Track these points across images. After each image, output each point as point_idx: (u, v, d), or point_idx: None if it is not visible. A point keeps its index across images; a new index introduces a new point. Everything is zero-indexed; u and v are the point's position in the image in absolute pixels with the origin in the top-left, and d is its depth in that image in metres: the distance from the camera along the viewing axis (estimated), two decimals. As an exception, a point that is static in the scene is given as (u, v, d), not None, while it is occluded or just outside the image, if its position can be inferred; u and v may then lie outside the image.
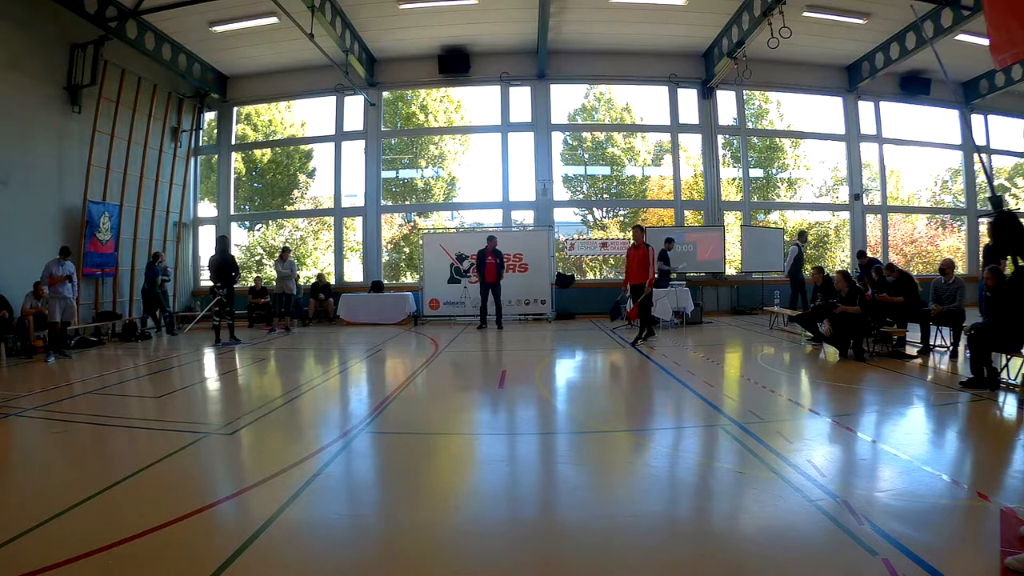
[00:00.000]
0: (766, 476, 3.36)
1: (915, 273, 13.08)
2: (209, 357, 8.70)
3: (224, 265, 9.72)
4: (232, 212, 15.09)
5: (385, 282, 14.22)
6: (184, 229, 14.09)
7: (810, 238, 16.98)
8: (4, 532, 2.69)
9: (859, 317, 7.22)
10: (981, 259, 9.14)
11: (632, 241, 9.33)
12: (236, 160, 15.42)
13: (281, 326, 11.86)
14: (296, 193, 16.60)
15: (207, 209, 15.26)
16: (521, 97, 14.38)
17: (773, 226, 15.41)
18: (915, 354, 7.48)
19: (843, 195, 15.48)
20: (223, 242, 9.96)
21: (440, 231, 14.43)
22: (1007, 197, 16.88)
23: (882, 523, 2.66)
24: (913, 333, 7.85)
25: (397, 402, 5.53)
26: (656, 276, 9.29)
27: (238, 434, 4.45)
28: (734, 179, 15.29)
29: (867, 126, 14.99)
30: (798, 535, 2.63)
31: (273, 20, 11.42)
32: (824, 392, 5.83)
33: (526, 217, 14.89)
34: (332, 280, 14.09)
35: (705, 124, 14.41)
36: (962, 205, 16.06)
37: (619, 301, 9.56)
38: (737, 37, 11.89)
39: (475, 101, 16.05)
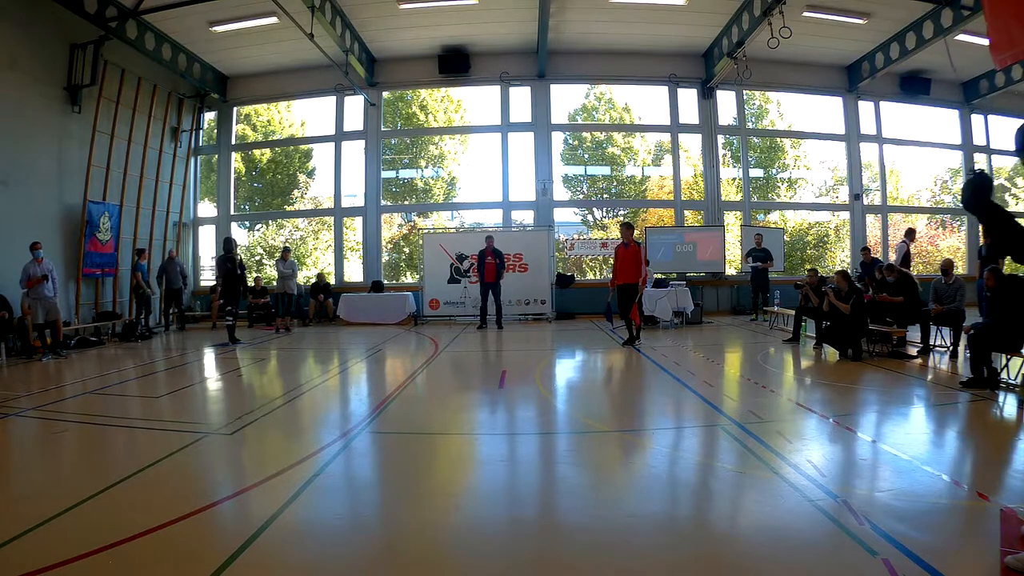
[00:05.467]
0: (766, 476, 3.36)
1: (915, 273, 13.08)
2: (209, 357, 8.70)
3: (231, 267, 9.65)
4: (232, 212, 15.09)
5: (385, 282, 14.21)
6: (184, 229, 14.10)
7: (809, 238, 17.04)
8: (4, 532, 2.69)
9: (852, 317, 7.23)
10: (978, 259, 9.13)
11: (621, 239, 9.04)
12: (236, 160, 15.42)
13: (282, 326, 11.87)
14: (296, 193, 16.60)
15: (207, 209, 15.27)
16: (521, 97, 14.38)
17: (773, 226, 15.41)
18: (915, 354, 7.49)
19: (843, 195, 15.48)
20: (228, 243, 9.89)
21: (440, 231, 14.43)
22: (1007, 197, 16.89)
23: (882, 523, 2.66)
24: (913, 333, 7.86)
25: (397, 402, 5.53)
26: (646, 275, 9.21)
27: (238, 434, 4.45)
28: (734, 179, 15.29)
29: (867, 126, 14.98)
30: (798, 535, 2.63)
31: (273, 20, 11.41)
32: (824, 392, 5.83)
33: (526, 217, 14.89)
34: (332, 280, 14.09)
35: (705, 124, 14.41)
36: (962, 205, 16.03)
37: (610, 303, 9.44)
38: (737, 37, 11.89)
39: (475, 101, 16.05)
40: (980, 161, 15.73)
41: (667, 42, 13.54)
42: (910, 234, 11.05)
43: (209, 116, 14.84)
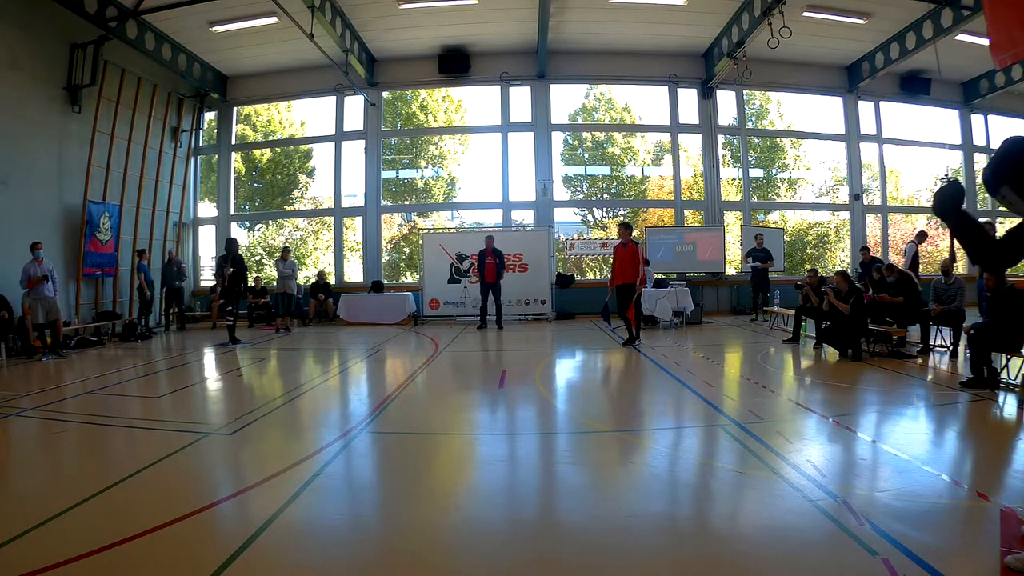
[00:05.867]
0: (766, 476, 3.36)
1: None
2: (209, 357, 8.70)
3: (235, 267, 9.65)
4: (232, 212, 15.10)
5: (385, 282, 14.22)
6: (184, 229, 14.10)
7: (809, 238, 17.04)
8: (4, 532, 2.69)
9: (852, 317, 7.23)
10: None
11: (619, 239, 9.02)
12: (236, 160, 15.43)
13: (282, 326, 11.88)
14: (296, 193, 16.61)
15: (207, 209, 15.27)
16: (521, 97, 14.38)
17: (773, 226, 15.41)
18: (915, 354, 7.49)
19: (843, 195, 15.48)
20: (230, 244, 9.89)
21: (440, 231, 14.44)
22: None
23: (882, 523, 2.66)
24: (913, 333, 7.85)
25: (397, 402, 5.53)
26: (645, 275, 9.18)
27: (238, 434, 4.45)
28: (734, 179, 15.29)
29: (867, 126, 14.99)
30: (798, 535, 2.63)
31: (273, 20, 11.42)
32: (824, 392, 5.83)
33: (526, 217, 14.89)
34: (332, 280, 14.09)
35: (705, 124, 14.41)
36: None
37: (607, 303, 9.38)
38: (737, 37, 11.89)
39: (475, 101, 16.04)
40: (979, 161, 15.73)
41: (667, 42, 13.54)
42: (921, 236, 10.82)
43: (209, 116, 14.84)
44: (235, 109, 15.04)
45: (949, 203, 2.29)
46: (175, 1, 10.60)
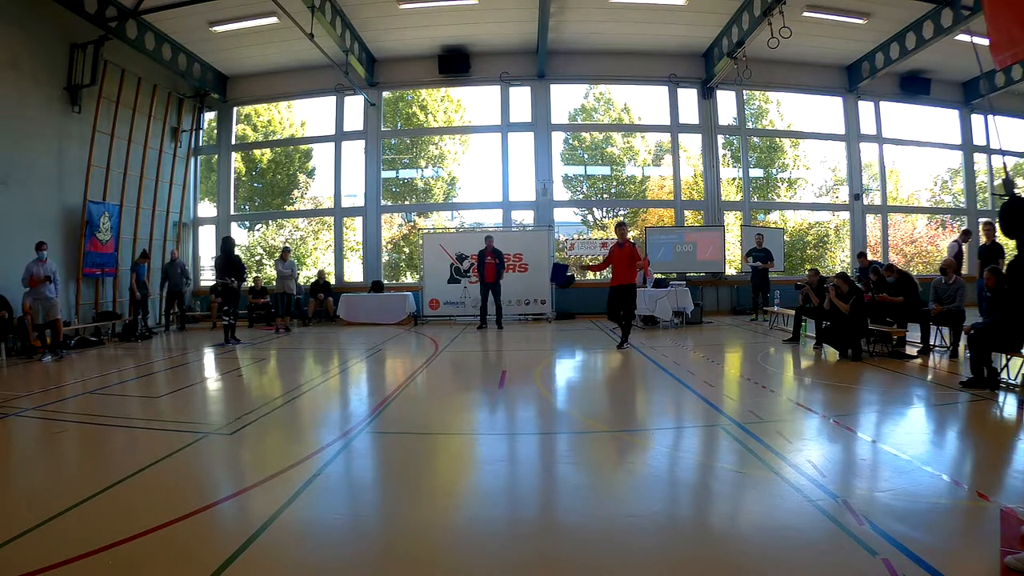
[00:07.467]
0: (766, 476, 3.36)
1: (915, 273, 13.07)
2: (209, 357, 8.70)
3: (229, 265, 9.68)
4: (232, 212, 15.09)
5: (385, 282, 14.22)
6: (184, 229, 14.10)
7: (809, 238, 17.04)
8: (4, 532, 2.69)
9: (852, 316, 7.23)
10: (978, 259, 9.06)
11: (617, 239, 8.85)
12: (236, 160, 15.42)
13: (281, 326, 11.88)
14: (296, 193, 16.61)
15: (207, 209, 15.27)
16: (521, 97, 14.38)
17: (773, 226, 15.41)
18: (915, 354, 7.48)
19: (843, 195, 15.47)
20: (227, 242, 9.93)
21: (440, 231, 14.44)
22: (1020, 181, 16.80)
23: (882, 523, 2.66)
24: (913, 333, 7.85)
25: (397, 402, 5.53)
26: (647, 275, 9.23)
27: (238, 434, 4.45)
28: (734, 179, 15.29)
29: (867, 126, 14.98)
30: (798, 535, 2.63)
31: (273, 20, 11.41)
32: (824, 392, 5.83)
33: (526, 217, 14.89)
34: (332, 280, 14.08)
35: (705, 124, 14.41)
36: (962, 205, 16.06)
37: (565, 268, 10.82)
38: (737, 37, 11.89)
39: (475, 101, 16.06)
40: (979, 161, 15.72)
41: (667, 42, 13.54)
42: (966, 235, 10.14)
43: (209, 116, 14.83)
44: (235, 109, 15.04)
45: (1017, 220, 2.24)
46: (175, 1, 10.59)
